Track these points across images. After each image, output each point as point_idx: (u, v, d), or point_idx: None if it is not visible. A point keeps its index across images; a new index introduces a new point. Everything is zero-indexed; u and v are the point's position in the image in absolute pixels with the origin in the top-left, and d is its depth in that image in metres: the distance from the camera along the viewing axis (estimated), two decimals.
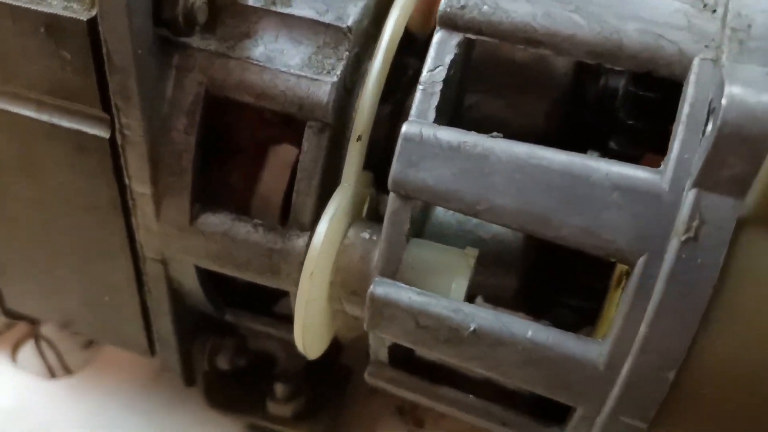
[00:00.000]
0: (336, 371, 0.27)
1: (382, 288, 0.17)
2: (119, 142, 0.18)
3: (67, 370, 0.30)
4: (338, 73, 0.17)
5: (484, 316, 0.17)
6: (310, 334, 0.19)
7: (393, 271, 0.17)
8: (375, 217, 0.20)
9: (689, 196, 0.14)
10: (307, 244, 0.18)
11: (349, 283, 0.18)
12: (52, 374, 0.30)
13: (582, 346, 0.16)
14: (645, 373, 0.15)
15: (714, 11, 0.15)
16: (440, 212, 0.20)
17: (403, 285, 0.17)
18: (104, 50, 0.16)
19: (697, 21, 0.15)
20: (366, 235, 0.18)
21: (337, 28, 0.17)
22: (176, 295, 0.21)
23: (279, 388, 0.25)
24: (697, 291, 0.14)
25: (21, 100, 0.18)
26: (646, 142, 0.18)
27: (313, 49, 0.17)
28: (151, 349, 0.23)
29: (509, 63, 0.18)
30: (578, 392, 0.17)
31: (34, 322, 0.29)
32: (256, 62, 0.17)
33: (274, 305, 0.24)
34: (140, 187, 0.19)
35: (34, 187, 0.20)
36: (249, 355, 0.25)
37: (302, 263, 0.18)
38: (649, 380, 0.15)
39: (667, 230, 0.14)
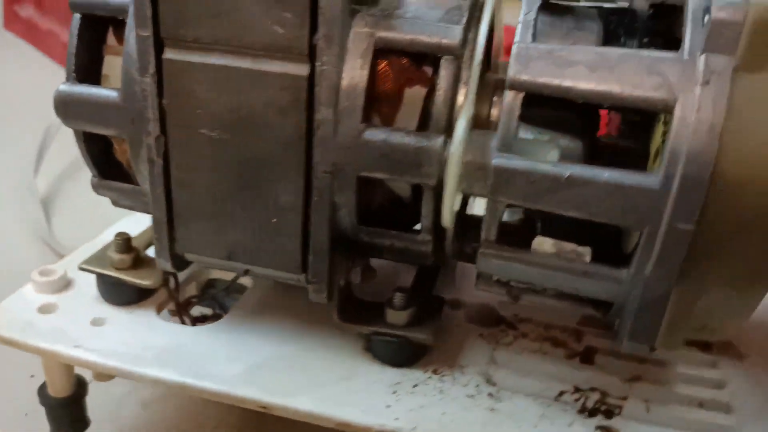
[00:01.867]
0: (433, 295, 0.34)
1: (501, 159, 0.25)
2: (316, 77, 0.26)
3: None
4: (463, 22, 0.26)
5: (574, 167, 0.25)
6: (451, 208, 0.27)
7: (508, 147, 0.26)
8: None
9: (701, 59, 0.23)
10: (445, 141, 0.26)
11: (476, 162, 0.26)
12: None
13: (643, 177, 0.24)
14: (688, 185, 0.23)
15: None
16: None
17: (516, 156, 0.25)
18: (319, 9, 0.25)
19: None
20: (483, 132, 0.27)
21: None
22: (334, 207, 0.29)
23: (398, 298, 0.32)
24: (715, 118, 0.23)
25: (239, 55, 0.27)
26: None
27: (445, 11, 0.27)
28: (304, 266, 0.30)
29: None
30: (644, 214, 0.24)
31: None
32: (408, 18, 0.26)
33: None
34: (326, 112, 0.27)
35: (230, 134, 0.28)
36: (374, 271, 0.32)
37: (440, 157, 0.26)
38: (691, 189, 0.23)
39: (691, 84, 0.23)
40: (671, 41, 0.25)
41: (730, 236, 0.24)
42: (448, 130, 0.27)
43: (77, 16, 0.30)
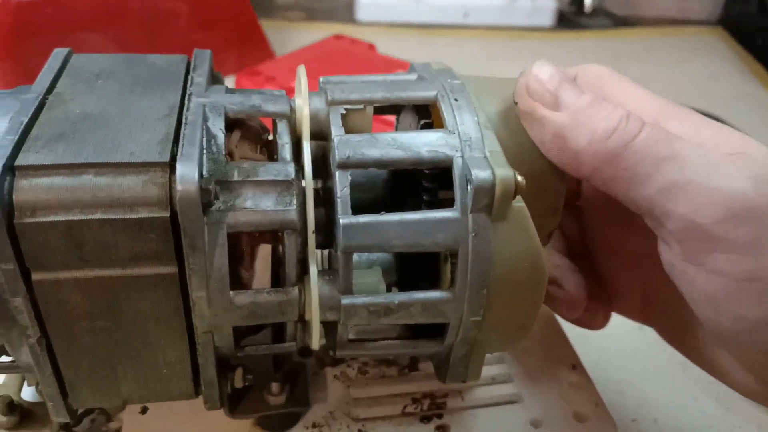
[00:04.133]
0: (294, 362, 0.43)
1: (347, 299, 0.34)
2: (187, 272, 0.32)
3: None
4: (295, 204, 0.33)
5: (398, 295, 0.34)
6: (317, 338, 0.35)
7: (349, 290, 0.34)
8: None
9: (470, 217, 0.33)
10: (299, 292, 0.34)
11: (329, 303, 0.34)
12: None
13: (442, 294, 0.35)
14: (473, 293, 0.34)
15: (453, 133, 0.35)
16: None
17: (357, 295, 0.34)
18: (181, 227, 0.30)
19: (449, 140, 0.34)
20: (328, 280, 0.35)
21: (286, 181, 0.33)
22: (217, 350, 0.35)
23: (274, 387, 0.40)
24: (486, 253, 0.33)
25: (109, 267, 0.31)
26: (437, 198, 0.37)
27: (276, 194, 0.33)
28: (196, 392, 0.37)
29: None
30: (450, 315, 0.35)
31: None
32: (250, 209, 0.32)
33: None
34: (198, 294, 0.32)
35: (111, 322, 0.33)
36: (250, 372, 0.39)
37: (298, 304, 0.34)
38: (475, 299, 0.34)
39: (466, 233, 0.33)
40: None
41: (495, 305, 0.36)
42: (298, 282, 0.34)
43: None
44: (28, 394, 0.40)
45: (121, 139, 0.32)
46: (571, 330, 0.51)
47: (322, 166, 0.37)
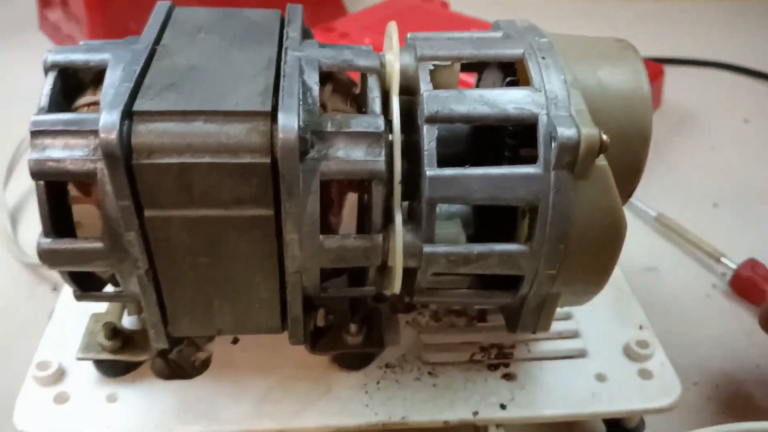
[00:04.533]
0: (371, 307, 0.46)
1: (429, 248, 0.36)
2: (282, 215, 0.34)
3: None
4: (383, 155, 0.35)
5: (477, 246, 0.36)
6: (398, 283, 0.37)
7: (431, 239, 0.36)
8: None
9: (553, 174, 0.34)
10: (383, 239, 0.36)
11: (412, 251, 0.36)
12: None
13: (520, 247, 0.36)
14: (549, 250, 0.36)
15: (539, 91, 0.35)
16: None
17: (438, 244, 0.36)
18: (281, 175, 0.32)
19: (535, 98, 0.35)
20: (411, 228, 0.36)
21: (376, 134, 0.35)
22: (303, 290, 0.38)
23: (353, 328, 0.43)
24: (564, 209, 0.35)
25: (213, 207, 0.34)
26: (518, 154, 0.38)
27: (366, 145, 0.35)
28: (283, 327, 0.40)
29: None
30: (525, 268, 0.37)
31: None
32: (342, 159, 0.34)
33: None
34: (292, 236, 0.35)
35: (212, 259, 0.35)
36: (332, 315, 0.42)
37: (381, 250, 0.36)
38: (551, 254, 0.36)
39: (548, 190, 0.34)
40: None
41: (572, 260, 0.37)
42: (383, 230, 0.36)
43: (41, 184, 0.34)
44: (128, 322, 0.44)
45: (225, 89, 0.34)
46: (636, 293, 0.52)
47: (406, 120, 0.39)
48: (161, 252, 0.35)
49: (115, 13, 0.94)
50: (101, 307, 0.46)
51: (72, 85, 0.37)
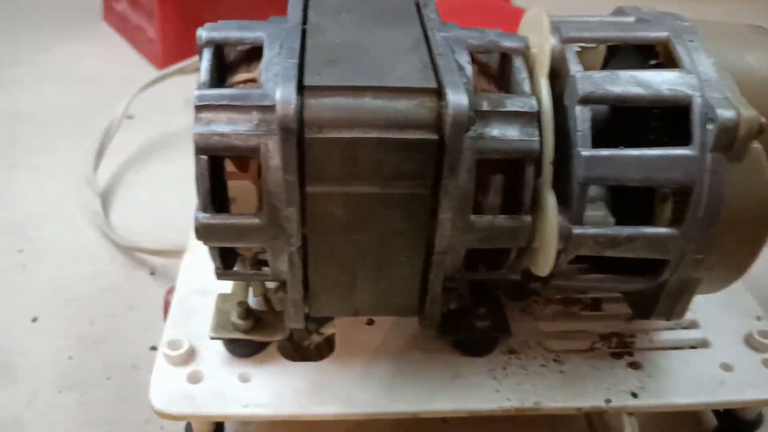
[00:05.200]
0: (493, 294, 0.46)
1: (579, 230, 0.36)
2: (440, 193, 0.34)
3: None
4: (537, 135, 0.35)
5: (626, 228, 0.36)
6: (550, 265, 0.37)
7: (579, 221, 0.36)
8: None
9: (708, 156, 0.34)
10: (531, 220, 0.36)
11: (563, 233, 0.36)
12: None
13: (670, 231, 0.36)
14: (700, 234, 0.35)
15: (691, 73, 0.36)
16: None
17: (587, 226, 0.36)
18: (446, 149, 0.33)
19: (687, 79, 0.35)
20: (562, 210, 0.36)
21: (530, 113, 0.35)
22: (445, 271, 0.38)
23: (482, 312, 0.43)
24: (719, 189, 0.34)
25: (372, 184, 0.34)
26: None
27: (520, 125, 0.35)
28: (420, 309, 0.40)
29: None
30: (672, 253, 0.36)
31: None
32: (497, 137, 0.35)
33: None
34: (446, 215, 0.35)
35: (364, 235, 0.36)
36: (463, 297, 0.42)
37: (529, 231, 0.36)
38: (702, 238, 0.36)
39: (703, 171, 0.34)
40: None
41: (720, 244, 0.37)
42: (531, 211, 0.36)
43: (203, 158, 0.34)
44: (253, 303, 0.45)
45: (385, 65, 0.34)
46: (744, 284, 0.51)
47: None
48: (316, 228, 0.35)
49: (187, 5, 0.95)
50: (223, 286, 0.46)
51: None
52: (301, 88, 0.32)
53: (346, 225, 0.35)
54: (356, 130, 0.32)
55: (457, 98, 0.32)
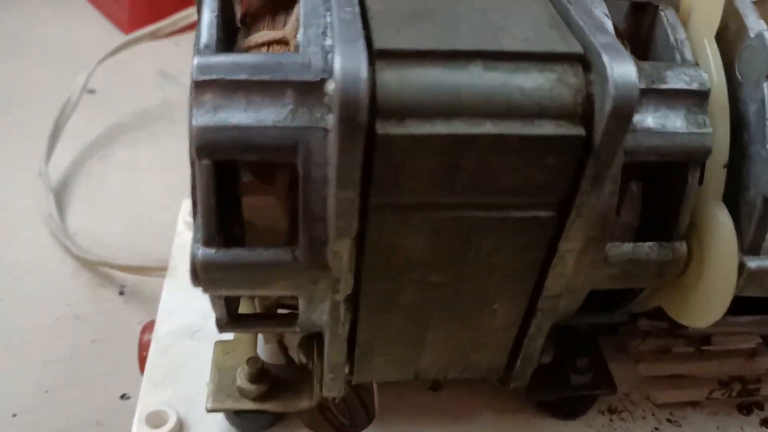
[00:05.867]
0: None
1: (755, 262, 0.25)
2: (571, 215, 0.22)
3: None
4: (709, 126, 0.23)
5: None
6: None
7: (757, 251, 0.25)
8: None
9: None
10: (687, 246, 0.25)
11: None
12: None
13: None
14: None
15: None
16: None
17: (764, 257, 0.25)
18: (593, 151, 0.21)
19: None
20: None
21: (701, 93, 0.23)
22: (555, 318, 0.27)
23: (581, 362, 0.32)
24: None
25: (477, 205, 0.22)
26: None
27: (686, 110, 0.23)
28: (507, 370, 0.29)
29: None
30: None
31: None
32: (655, 130, 0.23)
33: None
34: (572, 245, 0.23)
35: (449, 275, 0.24)
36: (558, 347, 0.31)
37: (683, 261, 0.25)
38: None
39: None
40: None
41: None
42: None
43: (207, 165, 0.22)
44: (265, 354, 0.33)
45: (493, 20, 0.22)
46: None
47: None
48: (377, 267, 0.23)
49: None
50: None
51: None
52: (371, 55, 0.20)
53: (425, 261, 0.23)
54: (459, 121, 0.20)
55: (623, 70, 0.20)
